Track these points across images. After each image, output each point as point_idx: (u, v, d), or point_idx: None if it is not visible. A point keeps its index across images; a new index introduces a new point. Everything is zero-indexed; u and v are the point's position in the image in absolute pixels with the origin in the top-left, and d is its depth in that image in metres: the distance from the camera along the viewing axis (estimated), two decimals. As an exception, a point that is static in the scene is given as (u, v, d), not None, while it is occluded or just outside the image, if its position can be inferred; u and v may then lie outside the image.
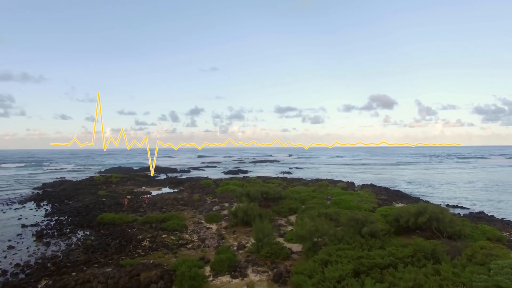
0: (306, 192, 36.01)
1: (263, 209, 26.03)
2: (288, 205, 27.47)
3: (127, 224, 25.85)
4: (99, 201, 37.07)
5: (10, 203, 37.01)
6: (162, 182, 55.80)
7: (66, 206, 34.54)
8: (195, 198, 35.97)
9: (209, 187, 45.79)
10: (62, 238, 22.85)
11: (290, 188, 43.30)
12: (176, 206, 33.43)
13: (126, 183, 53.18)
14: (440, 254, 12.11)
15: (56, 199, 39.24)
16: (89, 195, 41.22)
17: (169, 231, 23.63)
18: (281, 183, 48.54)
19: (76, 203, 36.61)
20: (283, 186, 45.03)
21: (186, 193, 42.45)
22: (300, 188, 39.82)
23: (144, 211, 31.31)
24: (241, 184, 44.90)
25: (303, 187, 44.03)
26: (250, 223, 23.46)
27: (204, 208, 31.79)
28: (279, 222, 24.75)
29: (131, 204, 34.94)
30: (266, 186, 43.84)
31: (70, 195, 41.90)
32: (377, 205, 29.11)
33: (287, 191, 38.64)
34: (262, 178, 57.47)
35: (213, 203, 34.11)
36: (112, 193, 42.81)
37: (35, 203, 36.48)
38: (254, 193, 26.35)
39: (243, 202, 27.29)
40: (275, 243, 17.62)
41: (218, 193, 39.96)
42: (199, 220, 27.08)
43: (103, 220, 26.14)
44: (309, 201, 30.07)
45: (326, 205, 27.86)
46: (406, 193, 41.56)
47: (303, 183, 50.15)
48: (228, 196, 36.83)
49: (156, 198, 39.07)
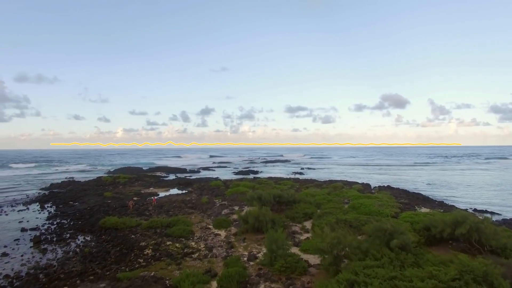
0: (321, 195, 33.84)
1: (275, 214, 24.05)
2: (302, 210, 25.40)
3: (131, 229, 24.26)
4: (105, 203, 35.70)
5: (15, 204, 36.04)
6: (171, 183, 54.36)
7: (70, 208, 33.27)
8: (203, 201, 34.22)
9: (219, 188, 44.04)
10: (61, 244, 21.36)
11: (303, 190, 41.14)
12: (184, 209, 31.76)
13: (133, 184, 51.93)
14: (494, 278, 9.90)
15: (61, 200, 38.10)
16: (95, 197, 39.98)
17: (174, 237, 21.90)
18: (293, 185, 46.42)
19: (81, 205, 35.35)
20: (295, 188, 42.91)
21: (194, 195, 40.79)
22: (314, 190, 37.65)
23: (150, 215, 29.72)
24: (251, 186, 43.00)
25: (317, 189, 41.82)
26: (261, 229, 21.57)
27: (212, 212, 30.00)
28: (294, 229, 22.71)
29: (137, 206, 33.44)
30: (278, 188, 41.85)
31: (76, 196, 40.75)
32: (399, 210, 26.79)
33: (300, 193, 36.52)
34: (274, 179, 55.43)
35: (222, 206, 32.29)
36: (119, 194, 41.47)
37: (40, 205, 35.36)
38: (266, 197, 24.38)
39: (254, 206, 25.41)
40: (290, 255, 15.62)
41: (228, 195, 38.13)
42: (207, 225, 25.27)
43: (105, 225, 24.61)
44: (325, 205, 27.92)
45: (344, 210, 25.66)
46: (427, 196, 38.88)
47: (316, 184, 47.92)
48: (238, 199, 34.96)
49: (163, 200, 37.53)
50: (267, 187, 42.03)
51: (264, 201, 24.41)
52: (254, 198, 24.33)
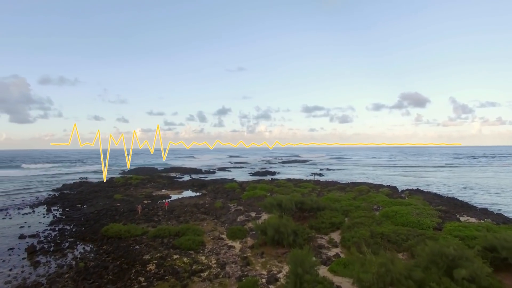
0: (346, 200, 30.50)
1: (297, 224, 20.98)
2: (328, 219, 22.20)
3: (135, 238, 21.80)
4: (113, 206, 33.61)
5: (22, 207, 34.49)
6: (185, 184, 52.06)
7: (76, 212, 31.30)
8: (217, 205, 31.49)
9: (234, 191, 41.28)
10: (57, 255, 19.06)
11: (326, 194, 37.80)
12: (196, 215, 29.16)
13: (145, 185, 49.93)
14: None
15: (69, 202, 36.34)
16: (104, 199, 38.03)
17: (182, 250, 19.21)
18: (314, 188, 43.10)
19: (88, 208, 33.37)
20: (317, 192, 39.62)
21: (208, 198, 38.20)
22: (338, 194, 34.24)
23: (159, 220, 27.25)
24: (269, 189, 40.00)
25: (341, 193, 38.39)
26: (282, 242, 18.59)
27: (226, 218, 27.21)
28: (320, 242, 19.57)
29: (146, 211, 31.10)
30: (297, 191, 38.70)
31: (85, 198, 38.95)
32: (440, 220, 23.15)
33: (322, 198, 33.25)
34: (293, 181, 52.20)
35: (237, 211, 29.45)
36: (129, 197, 39.38)
37: (47, 207, 33.62)
38: (287, 204, 21.35)
39: (273, 213, 22.42)
40: (320, 281, 12.57)
41: (244, 199, 35.28)
42: (220, 234, 22.47)
43: (108, 233, 22.25)
44: (353, 213, 24.59)
45: (377, 220, 22.27)
46: (465, 202, 34.74)
47: (339, 187, 44.39)
48: (255, 204, 32.06)
49: (175, 203, 35.10)
50: (286, 190, 38.95)
51: (284, 208, 21.39)
52: (274, 205, 21.35)
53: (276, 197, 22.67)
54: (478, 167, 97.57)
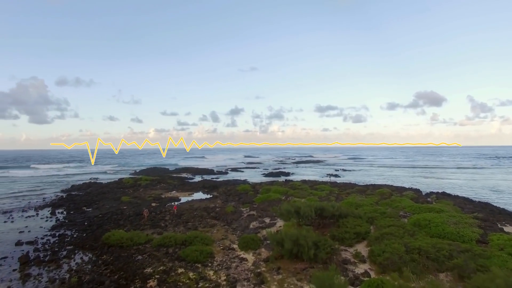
0: (369, 205, 27.84)
1: (317, 233, 18.56)
2: (352, 228, 19.66)
3: (138, 247, 19.79)
4: (119, 209, 31.90)
5: (27, 209, 33.20)
6: (195, 185, 50.14)
7: (80, 216, 29.69)
8: (228, 210, 29.28)
9: (247, 194, 39.02)
10: (51, 266, 17.21)
11: (345, 197, 35.16)
12: (205, 220, 27.08)
13: (155, 187, 48.25)
14: None
15: (75, 205, 34.91)
16: (111, 201, 36.43)
17: (188, 262, 17.06)
18: (331, 190, 40.43)
19: (94, 211, 31.78)
20: (335, 195, 36.98)
21: (219, 201, 36.07)
22: (360, 199, 31.52)
23: (165, 226, 25.26)
24: (284, 191, 37.57)
25: (361, 196, 35.65)
26: (301, 256, 16.21)
27: (238, 225, 24.97)
28: (344, 256, 17.07)
29: (153, 214, 29.21)
30: (315, 194, 36.21)
31: (92, 200, 37.48)
32: (481, 230, 20.29)
33: (342, 202, 30.66)
34: (308, 183, 49.59)
35: (250, 217, 27.18)
36: (137, 199, 37.65)
37: (51, 210, 32.21)
38: (306, 211, 18.92)
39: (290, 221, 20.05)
40: (353, 313, 10.16)
41: (257, 203, 32.99)
42: (231, 244, 20.26)
43: (109, 241, 20.33)
44: (379, 221, 21.96)
45: (408, 230, 19.58)
46: (502, 208, 31.46)
47: (358, 190, 41.56)
48: (269, 208, 29.74)
49: (184, 206, 33.14)
50: (302, 193, 36.47)
51: (303, 215, 18.98)
52: (291, 212, 18.96)
53: (294, 203, 20.24)
54: (504, 168, 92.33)
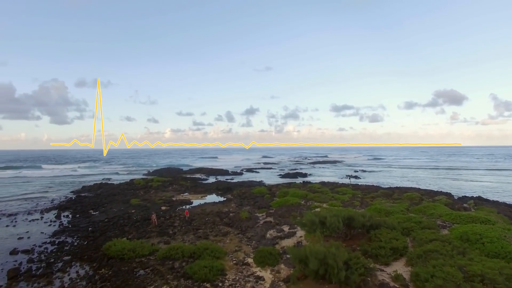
0: (399, 213, 24.74)
1: (345, 247, 15.77)
2: (387, 241, 16.71)
3: (141, 260, 17.50)
4: (126, 213, 29.97)
5: (32, 212, 31.79)
6: (209, 187, 47.92)
7: (85, 220, 27.86)
8: (243, 216, 26.74)
9: (263, 197, 36.41)
10: (41, 283, 15.17)
11: (370, 202, 32.08)
12: (218, 226, 24.68)
13: (167, 188, 46.28)
14: None
15: (82, 207, 33.26)
16: (119, 204, 34.61)
17: (196, 281, 14.62)
18: (354, 194, 37.30)
19: (100, 214, 29.95)
20: (358, 199, 33.91)
21: (233, 205, 33.65)
22: (389, 204, 28.39)
23: (174, 234, 22.97)
24: (303, 195, 34.74)
25: (387, 200, 32.49)
26: (329, 277, 13.47)
27: (254, 233, 22.41)
28: (381, 279, 14.19)
29: (162, 220, 27.05)
30: (336, 198, 33.27)
31: (100, 202, 35.80)
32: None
33: (369, 208, 27.64)
34: (328, 185, 46.57)
35: (266, 224, 24.56)
36: (146, 202, 35.68)
37: (57, 213, 30.66)
38: (333, 222, 16.12)
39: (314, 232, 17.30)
40: None
41: (274, 208, 30.34)
42: (245, 257, 17.71)
43: (109, 252, 18.13)
44: (417, 233, 18.86)
45: (457, 247, 16.45)
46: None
47: (383, 193, 38.22)
48: (288, 214, 27.05)
49: (196, 210, 30.88)
50: (322, 197, 33.55)
51: (329, 227, 16.22)
52: (315, 223, 16.20)
53: (318, 212, 17.46)
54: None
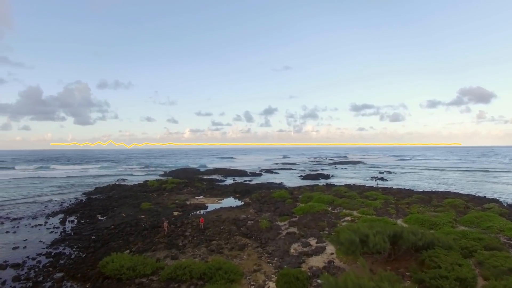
0: (447, 224, 20.97)
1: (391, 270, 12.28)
2: (449, 268, 13.03)
3: (141, 282, 14.63)
4: (135, 219, 27.46)
5: (38, 216, 29.94)
6: (226, 189, 45.02)
7: (90, 226, 25.53)
8: (262, 225, 23.52)
9: (284, 202, 33.06)
10: (20, 310, 12.52)
11: (406, 209, 28.21)
12: (234, 237, 21.67)
13: (181, 191, 43.73)
14: None
15: (90, 211, 31.15)
16: (129, 208, 32.23)
17: (204, 315, 11.56)
18: (386, 199, 33.28)
19: (107, 220, 27.58)
20: (392, 205, 30.03)
21: (251, 210, 30.55)
22: (428, 211, 24.42)
23: (184, 246, 20.11)
24: (329, 200, 31.13)
25: (427, 208, 28.48)
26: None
27: (275, 247, 19.19)
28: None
29: (172, 228, 24.29)
30: (367, 204, 29.54)
31: (110, 206, 33.59)
32: None
33: (407, 217, 23.91)
34: (354, 188, 42.68)
35: (290, 236, 21.27)
36: (158, 205, 33.13)
37: (62, 218, 28.58)
38: (378, 243, 12.67)
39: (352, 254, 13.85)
40: None
41: (297, 215, 26.99)
42: (266, 281, 14.53)
43: (106, 270, 15.37)
44: (482, 255, 15.02)
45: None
46: None
47: (418, 199, 33.93)
48: (314, 223, 23.64)
49: (211, 217, 28.00)
50: (351, 203, 29.89)
51: (373, 245, 12.78)
52: (354, 242, 12.79)
53: (357, 229, 13.97)
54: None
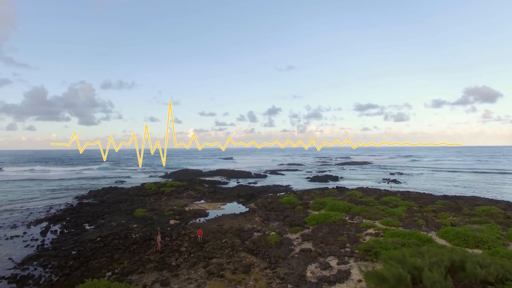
0: (496, 242, 17.37)
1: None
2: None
3: (118, 322, 11.24)
4: (126, 229, 24.21)
5: (18, 225, 26.98)
6: (229, 193, 41.56)
7: (73, 238, 22.32)
8: (271, 240, 19.99)
9: (293, 209, 29.55)
10: None
11: (434, 218, 24.61)
12: (237, 254, 18.32)
13: (181, 194, 40.35)
14: None
15: (78, 219, 28.02)
16: (122, 215, 29.00)
17: None
18: (409, 205, 29.63)
19: (94, 230, 24.38)
20: (418, 214, 26.43)
21: (257, 219, 27.14)
22: (477, 227, 20.74)
23: (177, 267, 16.73)
24: (345, 208, 27.50)
25: (459, 216, 24.88)
26: None
27: (288, 269, 15.75)
28: None
29: (167, 241, 20.97)
30: (388, 212, 26.00)
31: (101, 212, 30.41)
32: None
33: (442, 230, 20.39)
34: (368, 192, 39.05)
35: (304, 254, 17.77)
36: (153, 212, 29.80)
37: (45, 228, 25.45)
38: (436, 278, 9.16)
39: None
40: None
41: (311, 226, 23.47)
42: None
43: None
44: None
45: None
46: None
47: (444, 205, 30.20)
48: (332, 237, 20.11)
49: (211, 226, 24.65)
50: (372, 211, 26.31)
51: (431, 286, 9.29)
52: (405, 280, 9.26)
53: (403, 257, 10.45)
54: None
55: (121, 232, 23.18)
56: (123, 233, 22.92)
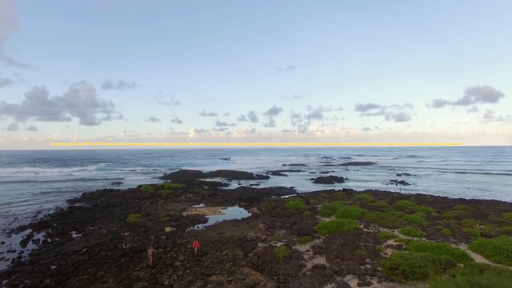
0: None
1: None
2: None
3: None
4: (116, 238, 21.83)
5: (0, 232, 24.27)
6: (230, 196, 39.01)
7: (56, 249, 19.95)
8: (278, 253, 17.46)
9: (300, 215, 27.04)
10: None
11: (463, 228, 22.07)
12: (240, 269, 15.92)
13: (179, 197, 37.86)
14: None
15: (65, 225, 25.68)
16: (114, 221, 26.60)
17: None
18: (426, 211, 27.11)
19: (81, 239, 21.98)
20: (440, 221, 23.92)
21: (261, 225, 24.71)
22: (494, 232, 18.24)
23: (170, 286, 14.25)
24: (358, 214, 24.96)
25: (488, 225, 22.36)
26: None
27: (300, 293, 13.26)
28: None
29: (161, 252, 18.54)
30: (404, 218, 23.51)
31: (92, 218, 28.04)
32: None
33: (474, 243, 17.86)
34: (380, 195, 36.47)
35: (318, 271, 15.26)
36: (148, 218, 27.37)
37: (27, 236, 23.10)
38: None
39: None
40: None
41: (322, 235, 20.96)
42: None
43: None
44: None
45: None
46: None
47: (465, 210, 27.68)
48: (348, 250, 17.58)
49: (210, 235, 22.23)
50: (388, 218, 23.77)
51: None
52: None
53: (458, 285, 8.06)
54: None
55: (110, 242, 20.75)
56: (112, 243, 20.49)
